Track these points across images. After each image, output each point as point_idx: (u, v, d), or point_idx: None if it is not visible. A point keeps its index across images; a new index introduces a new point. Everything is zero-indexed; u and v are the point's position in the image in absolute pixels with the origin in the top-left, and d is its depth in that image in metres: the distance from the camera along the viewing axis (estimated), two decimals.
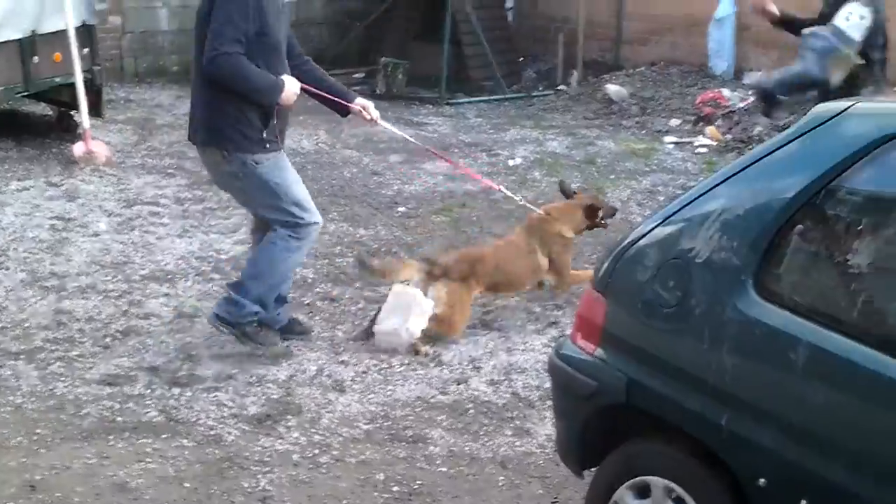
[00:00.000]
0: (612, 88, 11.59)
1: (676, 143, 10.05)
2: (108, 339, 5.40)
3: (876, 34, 5.87)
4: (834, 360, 2.59)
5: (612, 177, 8.83)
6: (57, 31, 8.94)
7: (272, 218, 5.09)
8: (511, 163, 9.25)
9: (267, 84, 4.86)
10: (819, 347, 2.62)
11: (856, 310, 2.63)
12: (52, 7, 8.85)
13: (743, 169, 2.96)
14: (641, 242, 3.12)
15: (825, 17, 5.80)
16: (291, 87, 4.94)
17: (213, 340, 5.34)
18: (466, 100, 12.01)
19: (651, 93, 11.48)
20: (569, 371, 3.28)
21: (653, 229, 3.11)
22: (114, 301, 5.89)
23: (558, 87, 12.54)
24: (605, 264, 3.23)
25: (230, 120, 4.88)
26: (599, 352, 3.16)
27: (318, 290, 6.19)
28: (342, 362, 5.22)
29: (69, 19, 8.81)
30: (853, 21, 5.81)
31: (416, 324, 5.30)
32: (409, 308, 5.31)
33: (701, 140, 10.13)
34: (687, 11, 12.15)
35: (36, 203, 7.69)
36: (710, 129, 10.25)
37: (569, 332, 5.55)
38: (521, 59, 13.55)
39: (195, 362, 5.17)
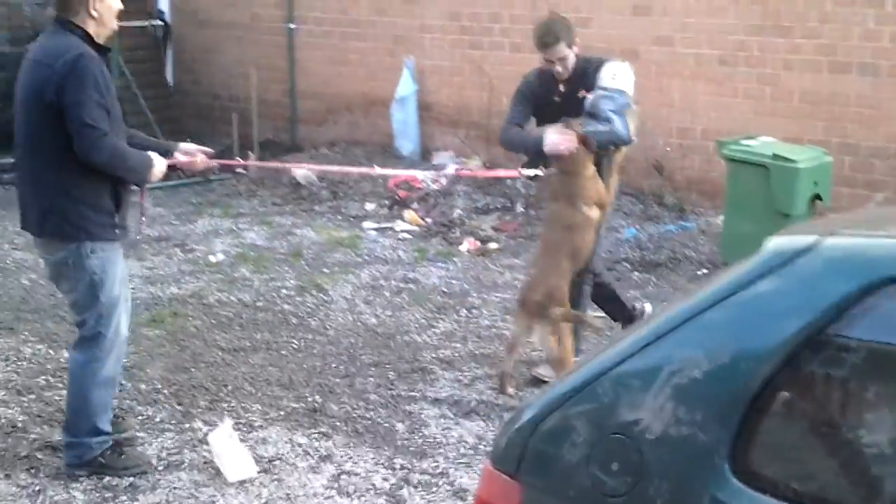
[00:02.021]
0: (300, 172, 11.05)
1: (378, 230, 9.67)
2: None
3: None
4: None
5: (326, 270, 8.28)
6: None
7: (78, 318, 4.86)
8: (213, 259, 8.48)
9: (140, 161, 4.72)
10: None
11: (866, 495, 2.24)
12: None
13: (688, 319, 2.51)
14: (561, 412, 2.60)
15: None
16: (159, 163, 4.78)
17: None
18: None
19: (340, 175, 11.05)
20: None
21: (572, 396, 2.59)
22: None
23: (237, 170, 11.82)
24: (508, 437, 2.68)
25: (84, 205, 4.64)
26: None
27: (32, 436, 5.19)
28: None
29: None
30: (622, 76, 5.90)
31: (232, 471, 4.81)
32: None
33: (401, 225, 9.80)
34: (364, 90, 11.87)
35: None
36: (408, 214, 9.95)
37: (345, 464, 5.05)
38: (188, 139, 12.69)
39: None
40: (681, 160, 9.76)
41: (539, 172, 6.14)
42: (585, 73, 5.98)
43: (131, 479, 4.79)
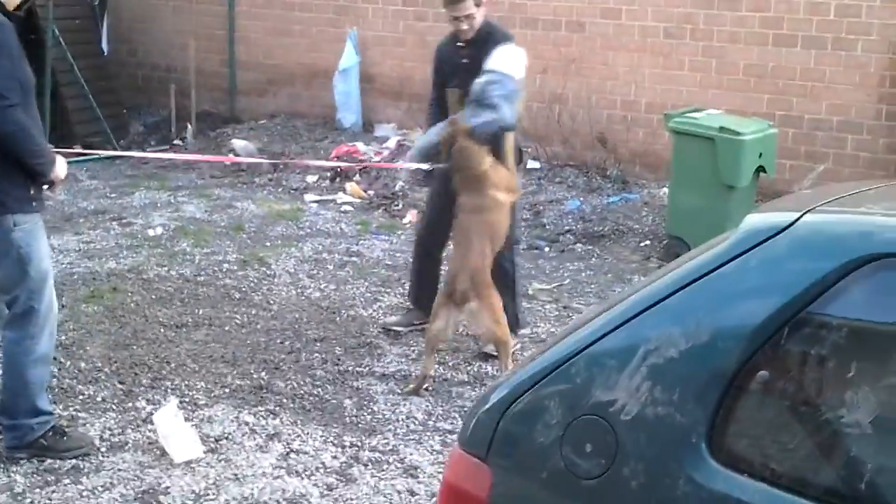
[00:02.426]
0: (239, 144, 10.85)
1: (319, 202, 9.53)
2: None
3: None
4: None
5: (268, 244, 8.13)
6: None
7: (6, 297, 4.58)
8: (151, 233, 8.28)
9: (44, 149, 4.51)
10: None
11: (846, 475, 2.19)
12: None
13: (665, 297, 2.44)
14: (533, 392, 2.51)
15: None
16: (61, 164, 4.59)
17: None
18: (74, 160, 10.74)
19: (280, 147, 10.86)
20: None
21: (544, 377, 2.51)
22: None
23: (174, 142, 11.58)
24: (477, 419, 2.60)
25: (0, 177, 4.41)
26: None
27: None
28: None
29: None
30: (514, 61, 5.84)
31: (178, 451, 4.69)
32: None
33: (343, 197, 9.67)
34: (306, 61, 11.67)
35: None
36: (350, 186, 9.82)
37: (293, 442, 4.94)
38: (125, 110, 12.42)
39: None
40: (625, 133, 9.72)
41: (429, 167, 6.03)
42: (488, 41, 5.87)
43: (73, 461, 4.64)
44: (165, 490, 4.43)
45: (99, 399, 5.30)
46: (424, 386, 5.58)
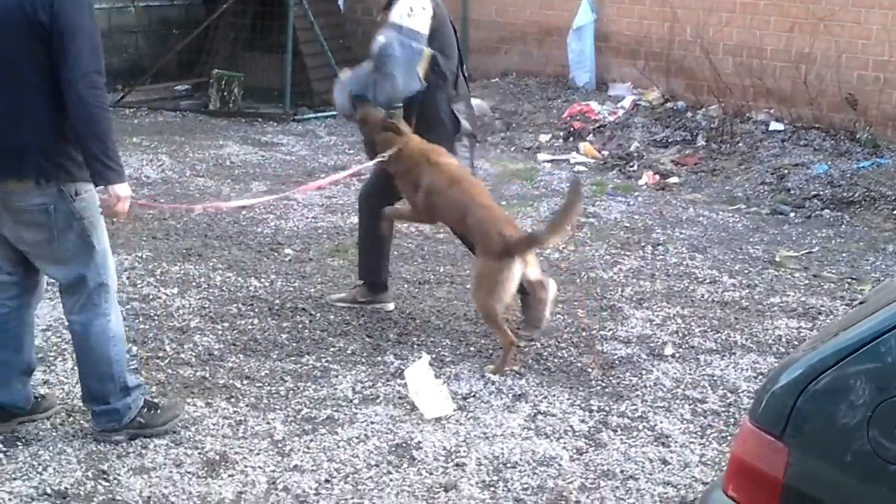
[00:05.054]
0: (473, 102, 10.85)
1: (552, 161, 9.46)
2: None
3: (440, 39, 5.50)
4: None
5: (504, 203, 8.09)
6: None
7: (69, 275, 4.15)
8: None
9: (118, 155, 4.05)
10: None
11: None
12: None
13: None
14: (836, 371, 2.38)
15: None
16: (126, 188, 4.06)
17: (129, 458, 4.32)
18: (313, 115, 11.03)
19: (513, 106, 10.83)
20: None
21: (849, 354, 2.37)
22: None
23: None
24: (773, 394, 2.48)
25: (66, 141, 3.99)
26: None
27: (229, 364, 5.19)
28: (296, 468, 4.27)
29: None
30: (417, 13, 5.37)
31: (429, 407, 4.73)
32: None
33: (576, 157, 9.59)
34: (539, 19, 11.57)
35: None
36: (584, 146, 9.70)
37: (540, 404, 4.91)
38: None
39: (111, 480, 4.13)
40: (877, 94, 9.22)
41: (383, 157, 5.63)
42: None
43: (328, 410, 4.74)
44: (418, 445, 4.48)
45: (349, 352, 5.40)
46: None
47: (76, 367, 4.50)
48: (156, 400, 4.57)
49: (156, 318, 5.69)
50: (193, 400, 4.79)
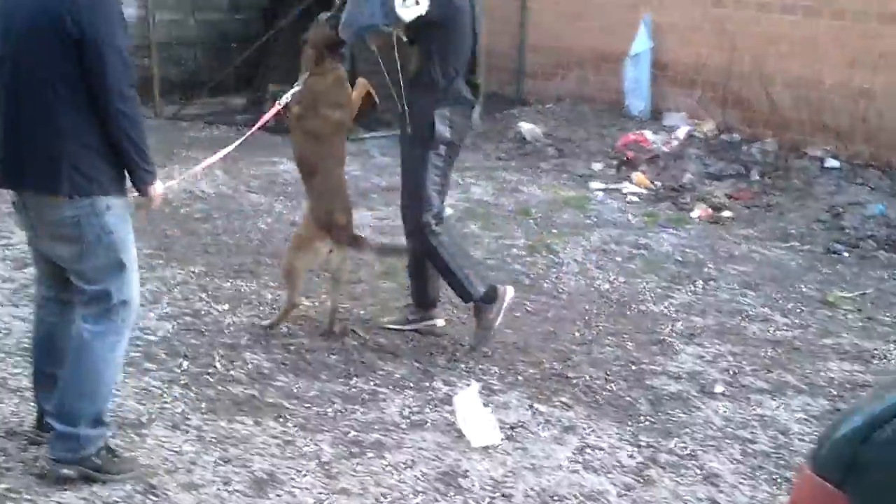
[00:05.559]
0: (526, 127, 10.90)
1: (604, 190, 9.43)
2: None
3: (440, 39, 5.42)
4: None
5: (555, 231, 8.11)
6: None
7: (94, 288, 4.08)
8: None
9: (148, 154, 4.06)
10: None
11: None
12: None
13: None
14: None
15: None
16: (161, 186, 4.17)
17: (179, 474, 4.34)
18: (368, 135, 11.08)
19: (566, 133, 10.83)
20: None
21: None
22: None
23: None
24: (834, 442, 2.44)
25: (97, 154, 3.95)
26: None
27: (278, 383, 5.21)
28: (343, 491, 4.27)
29: None
30: (409, 5, 5.26)
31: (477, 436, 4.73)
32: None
33: (629, 187, 9.54)
34: (596, 45, 11.58)
35: None
36: (637, 176, 9.66)
37: (589, 437, 4.88)
38: None
39: (160, 495, 4.15)
40: None
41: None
42: None
43: (376, 435, 4.74)
44: (465, 473, 4.46)
45: (397, 376, 5.40)
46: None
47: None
48: (114, 448, 4.32)
49: (207, 333, 5.73)
50: (242, 418, 4.81)
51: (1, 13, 3.97)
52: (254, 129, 5.89)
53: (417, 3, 5.28)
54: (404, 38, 5.43)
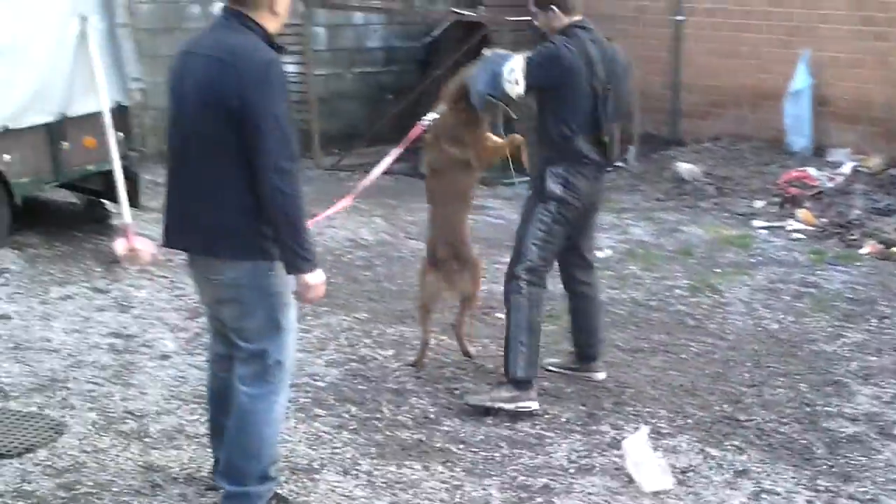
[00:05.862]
0: (684, 167, 10.75)
1: (768, 228, 9.21)
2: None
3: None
4: None
5: (719, 271, 7.95)
6: (89, 114, 8.07)
7: (251, 347, 4.09)
8: (600, 255, 8.30)
9: (312, 243, 3.99)
10: None
11: None
12: (83, 86, 7.97)
13: None
14: None
15: None
16: (321, 275, 4.03)
17: None
18: (520, 179, 11.06)
19: (725, 171, 10.65)
20: None
21: None
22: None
23: (617, 164, 11.67)
24: None
25: (260, 221, 3.93)
26: None
27: (444, 428, 5.23)
28: None
29: (103, 100, 7.94)
30: (512, 77, 5.26)
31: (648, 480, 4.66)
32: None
33: (793, 224, 9.29)
34: (753, 83, 11.38)
35: (85, 315, 6.72)
36: (802, 213, 9.41)
37: (764, 481, 4.73)
38: None
39: None
40: None
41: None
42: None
43: (545, 479, 4.70)
44: None
45: (563, 419, 5.35)
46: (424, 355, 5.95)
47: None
48: (287, 496, 4.43)
49: (373, 379, 5.80)
50: (411, 462, 4.83)
51: (175, 74, 4.03)
52: (399, 148, 6.12)
53: (517, 82, 5.30)
54: (512, 115, 5.73)
